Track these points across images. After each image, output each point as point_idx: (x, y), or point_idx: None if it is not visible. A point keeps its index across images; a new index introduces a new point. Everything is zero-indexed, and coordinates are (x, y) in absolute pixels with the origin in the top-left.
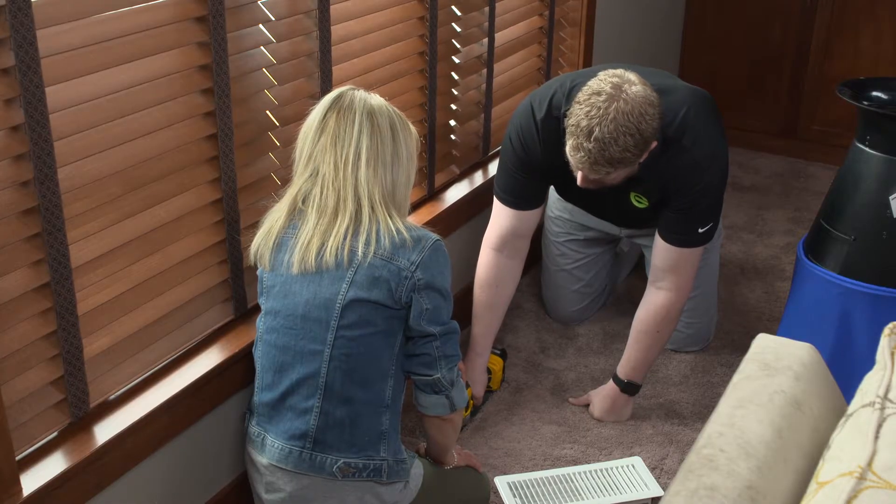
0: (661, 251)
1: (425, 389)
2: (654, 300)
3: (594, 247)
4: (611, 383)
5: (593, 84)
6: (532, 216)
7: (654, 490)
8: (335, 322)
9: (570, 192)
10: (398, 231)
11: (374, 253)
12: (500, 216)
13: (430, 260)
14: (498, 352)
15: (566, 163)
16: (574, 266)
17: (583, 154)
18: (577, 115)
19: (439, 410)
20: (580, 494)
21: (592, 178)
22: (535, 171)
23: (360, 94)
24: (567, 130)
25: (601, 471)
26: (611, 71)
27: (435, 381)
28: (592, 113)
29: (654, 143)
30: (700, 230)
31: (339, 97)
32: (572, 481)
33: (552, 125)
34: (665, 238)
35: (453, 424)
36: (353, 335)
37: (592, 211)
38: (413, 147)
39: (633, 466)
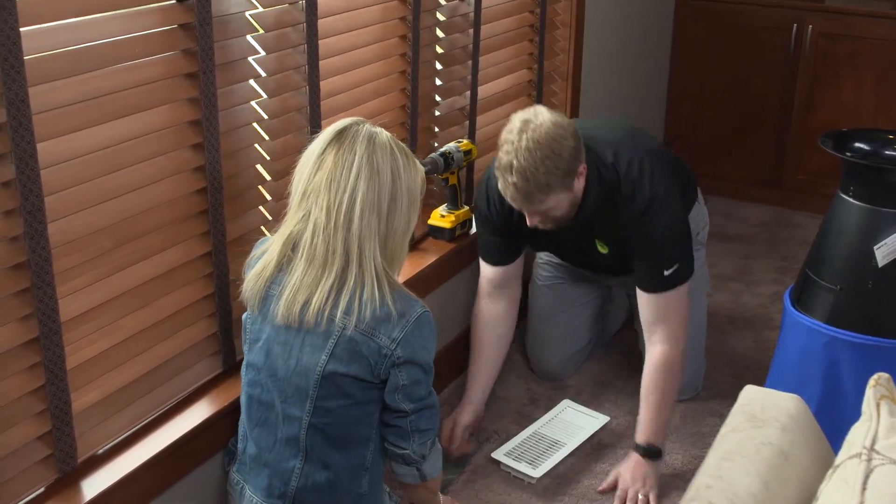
0: (643, 303)
1: (396, 460)
2: (651, 357)
3: (582, 296)
4: (632, 453)
5: (508, 126)
6: (512, 268)
7: None
8: (313, 392)
9: (538, 243)
10: (382, 302)
11: (355, 326)
12: (485, 270)
13: (412, 335)
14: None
15: (521, 219)
16: (559, 313)
17: (511, 189)
18: (499, 157)
19: (410, 480)
20: None
21: (536, 212)
22: (499, 231)
23: (365, 129)
24: (496, 174)
25: None
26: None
27: (405, 454)
28: (507, 148)
29: (582, 166)
30: (666, 272)
31: (342, 132)
32: None
33: (495, 186)
34: (640, 287)
35: (428, 489)
36: (331, 406)
37: (567, 259)
38: (416, 189)
39: None
